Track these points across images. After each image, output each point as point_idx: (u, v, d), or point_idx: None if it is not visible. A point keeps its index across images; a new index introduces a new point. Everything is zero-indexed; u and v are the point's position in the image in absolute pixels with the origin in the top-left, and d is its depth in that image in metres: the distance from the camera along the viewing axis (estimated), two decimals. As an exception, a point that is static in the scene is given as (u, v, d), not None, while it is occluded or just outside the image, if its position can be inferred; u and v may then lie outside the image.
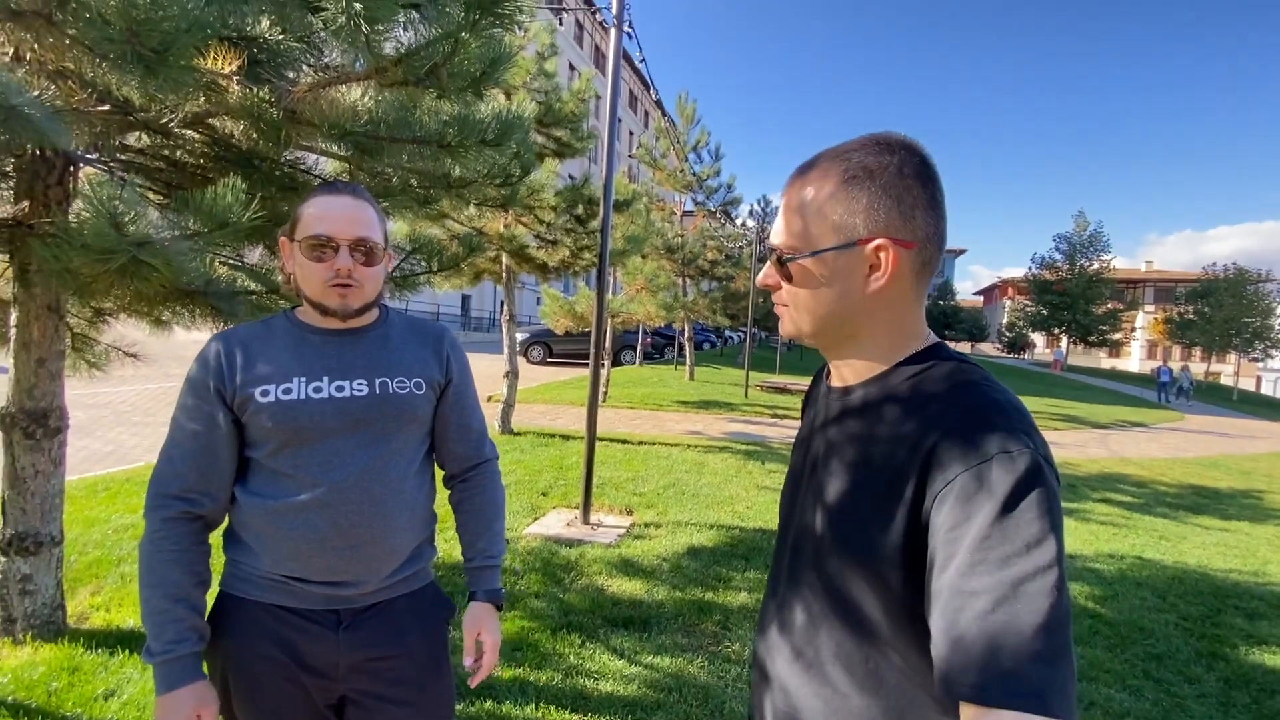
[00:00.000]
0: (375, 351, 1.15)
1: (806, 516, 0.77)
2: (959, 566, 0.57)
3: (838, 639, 0.70)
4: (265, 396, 1.06)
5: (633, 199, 7.56)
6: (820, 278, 0.71)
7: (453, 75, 2.00)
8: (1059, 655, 0.54)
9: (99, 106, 1.95)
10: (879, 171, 0.69)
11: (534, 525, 4.40)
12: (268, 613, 1.08)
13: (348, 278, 1.08)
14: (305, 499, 1.05)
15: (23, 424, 2.46)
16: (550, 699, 2.41)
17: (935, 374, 0.70)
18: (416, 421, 1.17)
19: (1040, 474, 0.59)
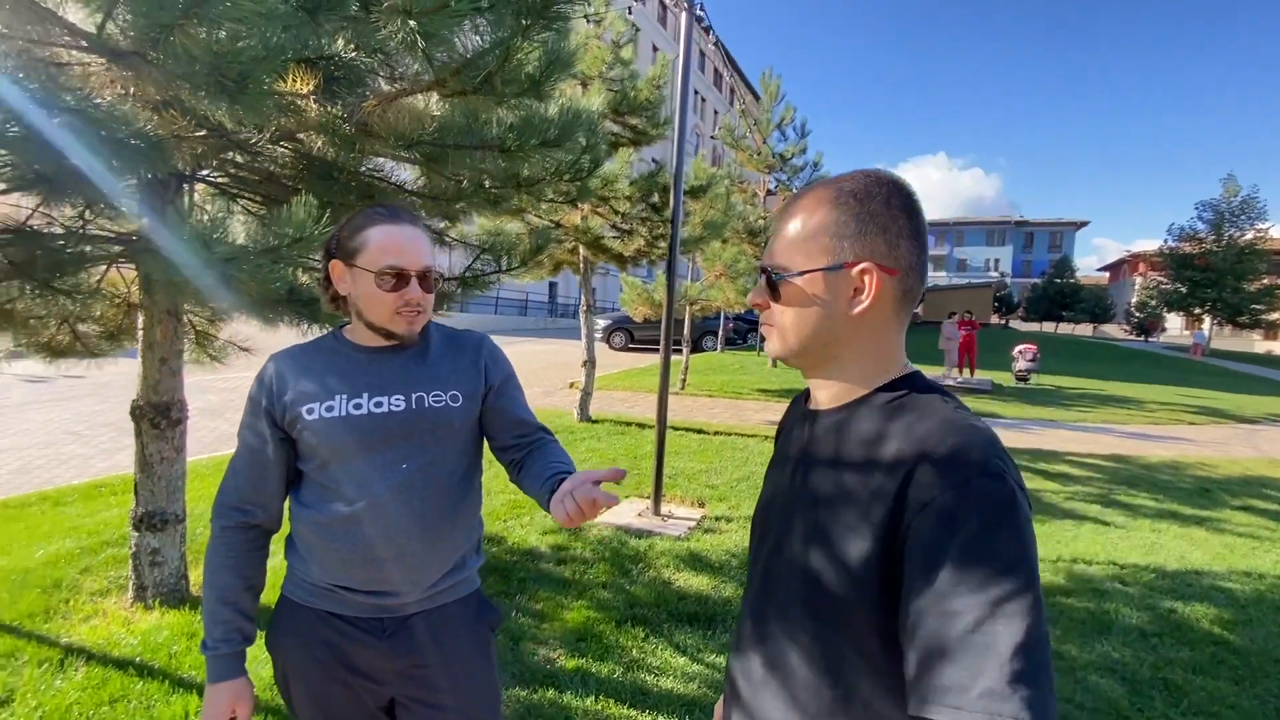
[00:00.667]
0: (412, 367, 1.19)
1: (782, 538, 0.78)
2: (937, 588, 0.59)
3: (809, 661, 0.71)
4: (311, 414, 1.12)
5: (710, 183, 7.43)
6: (806, 297, 0.75)
7: (507, 82, 2.03)
8: (1039, 674, 0.55)
9: (197, 132, 2.13)
10: (867, 200, 0.73)
11: (605, 514, 4.47)
12: (319, 618, 1.15)
13: (418, 305, 1.14)
14: (347, 512, 1.12)
15: (150, 416, 2.77)
16: (610, 692, 2.45)
17: (912, 401, 0.72)
18: (454, 433, 1.20)
19: (1015, 499, 0.61)
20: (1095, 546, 4.45)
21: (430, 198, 2.90)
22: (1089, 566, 4.07)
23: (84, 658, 2.43)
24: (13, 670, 2.32)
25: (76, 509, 4.02)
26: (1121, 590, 3.74)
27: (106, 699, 2.20)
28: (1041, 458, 7.28)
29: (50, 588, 2.94)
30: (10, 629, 2.59)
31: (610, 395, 9.72)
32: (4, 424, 6.20)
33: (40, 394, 7.56)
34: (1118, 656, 3.00)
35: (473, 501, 1.25)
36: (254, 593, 1.17)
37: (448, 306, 3.37)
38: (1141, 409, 12.30)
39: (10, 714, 2.09)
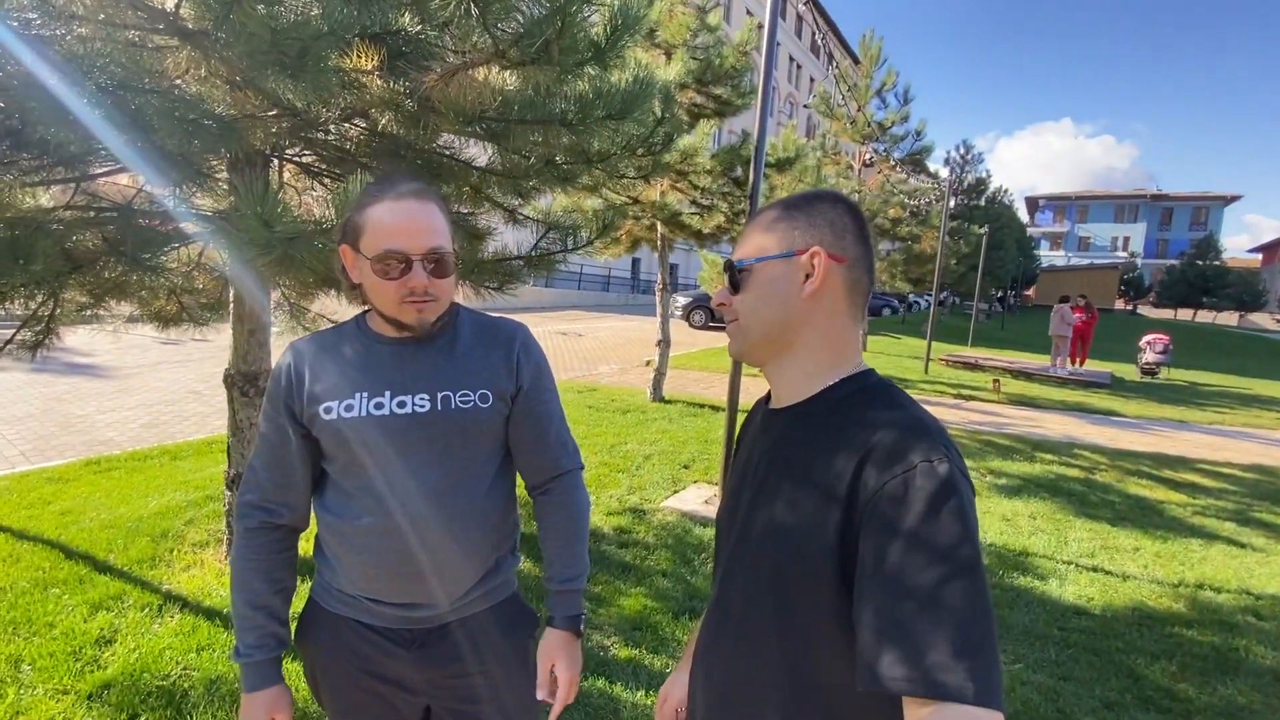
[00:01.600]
0: (439, 362, 1.09)
1: (744, 534, 0.81)
2: (888, 567, 0.63)
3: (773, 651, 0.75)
4: (329, 414, 1.05)
5: (798, 155, 7.03)
6: (763, 284, 0.82)
7: (565, 50, 1.91)
8: (983, 647, 0.59)
9: (271, 111, 2.18)
10: (817, 202, 0.83)
11: (672, 498, 4.40)
12: (347, 626, 1.10)
13: (424, 294, 1.02)
14: (369, 523, 1.05)
15: (239, 384, 2.95)
16: (661, 687, 2.39)
17: (864, 395, 0.78)
18: (484, 436, 1.11)
19: (957, 482, 0.65)
20: (1226, 571, 3.90)
21: (500, 175, 2.86)
22: (1217, 595, 3.57)
23: (179, 605, 2.65)
24: (119, 613, 2.56)
25: (190, 464, 4.42)
26: (1255, 625, 3.26)
27: (195, 646, 2.38)
28: (1166, 464, 6.50)
29: (159, 537, 3.24)
30: (121, 573, 2.87)
31: (686, 375, 9.60)
32: (141, 381, 6.93)
33: (172, 355, 8.40)
34: (1244, 702, 2.60)
35: (506, 504, 1.17)
36: (285, 596, 1.11)
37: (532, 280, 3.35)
38: (1296, 413, 10.74)
39: (111, 654, 2.30)
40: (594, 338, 13.90)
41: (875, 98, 13.06)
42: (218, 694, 2.14)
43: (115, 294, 2.88)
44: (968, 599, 0.60)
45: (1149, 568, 3.88)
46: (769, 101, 4.06)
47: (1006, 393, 10.09)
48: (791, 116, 37.40)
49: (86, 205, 2.40)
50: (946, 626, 0.59)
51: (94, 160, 2.26)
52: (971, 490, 0.68)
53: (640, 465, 5.07)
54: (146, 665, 2.23)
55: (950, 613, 0.59)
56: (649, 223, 6.52)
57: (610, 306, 24.48)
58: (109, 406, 5.88)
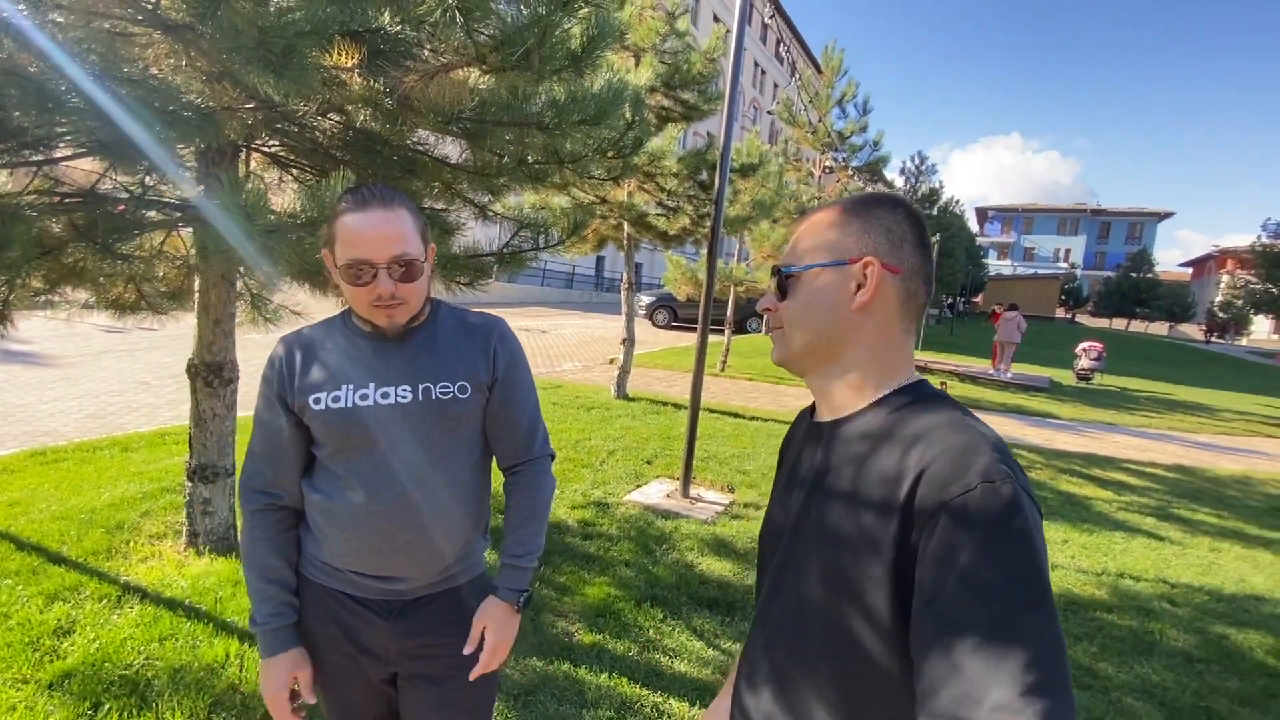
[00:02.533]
0: (420, 356, 1.17)
1: (792, 553, 0.78)
2: (948, 597, 0.58)
3: (823, 679, 0.71)
4: (318, 404, 1.12)
5: (761, 161, 7.23)
6: (812, 292, 0.78)
7: (546, 59, 1.99)
8: (1053, 686, 0.53)
9: (247, 104, 2.19)
10: (875, 207, 0.78)
11: (635, 493, 4.51)
12: (330, 595, 1.18)
13: (390, 299, 1.08)
14: (356, 503, 1.12)
15: (203, 374, 2.92)
16: (625, 670, 2.49)
17: (919, 408, 0.72)
18: (463, 425, 1.19)
19: (1023, 504, 0.61)
20: (1145, 562, 4.24)
21: (472, 172, 2.91)
22: (1136, 583, 3.88)
23: (139, 596, 2.62)
24: (75, 604, 2.52)
25: (142, 455, 4.30)
26: (1169, 610, 3.56)
27: (157, 636, 2.36)
28: (1096, 463, 6.94)
29: (113, 528, 3.17)
30: (76, 564, 2.81)
31: (649, 374, 9.73)
32: (83, 371, 6.66)
33: (116, 344, 8.07)
34: (1158, 680, 2.86)
35: (482, 490, 1.26)
36: (293, 569, 1.20)
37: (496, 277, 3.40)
38: (1214, 417, 11.55)
39: (71, 644, 2.27)
40: (558, 335, 13.90)
41: (836, 107, 13.45)
42: (182, 683, 2.14)
43: (72, 280, 2.82)
44: (1036, 633, 0.55)
45: (1075, 558, 4.18)
46: (736, 107, 4.21)
47: (953, 395, 10.53)
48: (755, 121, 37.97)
49: (49, 190, 2.35)
50: (1013, 663, 0.53)
51: (58, 145, 2.23)
52: (1039, 512, 0.63)
53: (604, 460, 5.17)
54: (107, 655, 2.21)
55: (1017, 648, 0.54)
56: (616, 222, 6.61)
57: (574, 304, 24.45)
58: (51, 396, 5.64)
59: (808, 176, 14.24)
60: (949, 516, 0.60)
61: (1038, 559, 0.59)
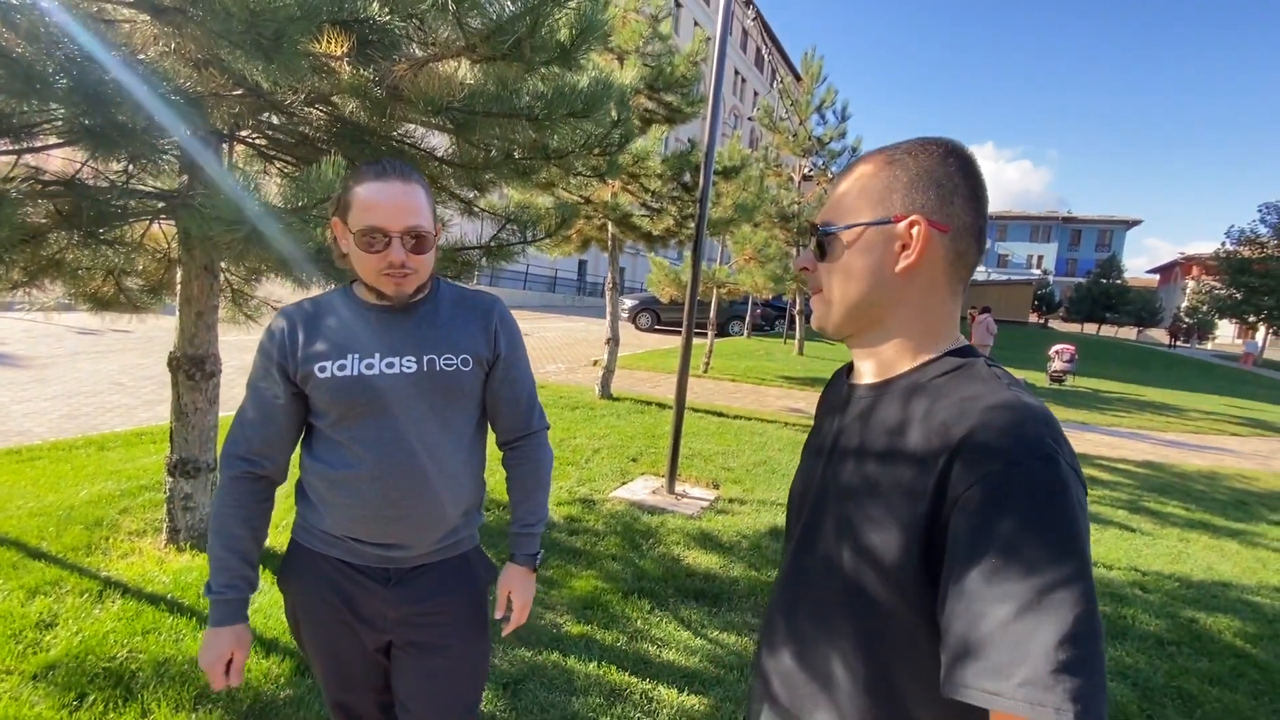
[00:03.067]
0: (423, 329, 1.20)
1: (815, 527, 0.75)
2: (982, 569, 0.56)
3: (851, 660, 0.68)
4: (323, 373, 1.13)
5: (743, 165, 7.33)
6: (853, 252, 0.72)
7: (537, 49, 2.02)
8: (1085, 666, 0.52)
9: (235, 91, 2.19)
10: (923, 156, 0.71)
11: (620, 489, 4.53)
12: (329, 563, 1.19)
13: (401, 268, 1.11)
14: (359, 471, 1.14)
15: (185, 367, 2.89)
16: (613, 659, 2.51)
17: (965, 374, 0.68)
18: (464, 396, 1.22)
19: (1068, 481, 0.58)
20: (1117, 552, 4.36)
21: (459, 166, 2.92)
22: (1108, 571, 3.99)
23: (120, 591, 2.58)
24: (57, 598, 2.47)
25: (119, 454, 4.22)
26: (1141, 597, 3.67)
27: (139, 630, 2.33)
28: (1070, 460, 7.10)
29: (92, 525, 3.11)
30: (56, 560, 2.76)
31: (633, 375, 9.76)
32: (57, 372, 6.51)
33: (90, 345, 7.90)
34: (1131, 662, 2.95)
35: (478, 462, 1.29)
36: (259, 542, 1.20)
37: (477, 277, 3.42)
38: (1182, 417, 11.88)
39: (54, 636, 2.23)
40: (540, 337, 13.88)
41: (815, 113, 13.65)
42: (167, 674, 2.12)
43: (51, 272, 2.78)
44: (1072, 610, 0.53)
45: (1052, 548, 4.28)
46: (719, 110, 4.28)
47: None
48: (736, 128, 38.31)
49: (30, 176, 2.32)
50: (1047, 639, 0.52)
51: (39, 132, 2.20)
52: (1084, 488, 0.61)
53: (589, 458, 5.18)
54: (90, 648, 2.18)
55: (1052, 623, 0.52)
56: (600, 222, 6.65)
57: (556, 307, 24.41)
58: (24, 396, 5.51)
59: (788, 182, 14.41)
60: (991, 487, 0.58)
61: (1079, 536, 0.56)
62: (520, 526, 1.34)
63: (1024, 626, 0.53)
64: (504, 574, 1.32)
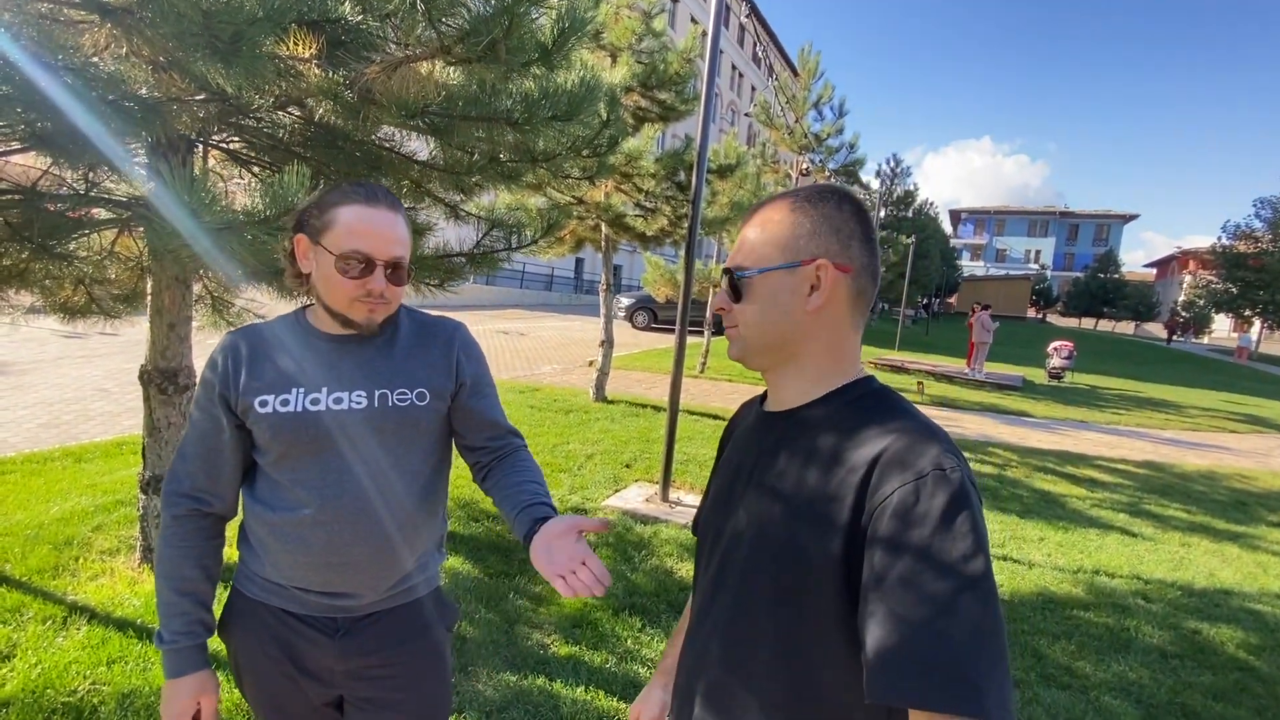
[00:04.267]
0: (377, 361, 1.11)
1: (736, 540, 0.78)
2: (897, 575, 0.61)
3: (773, 664, 0.72)
4: (264, 407, 1.05)
5: (739, 162, 7.22)
6: (766, 294, 0.78)
7: (513, 50, 1.92)
8: (996, 661, 0.58)
9: (197, 95, 2.08)
10: (821, 205, 0.77)
11: (613, 497, 4.44)
12: (270, 613, 1.10)
13: (379, 297, 1.04)
14: (303, 515, 1.05)
15: (157, 381, 2.78)
16: (602, 683, 2.42)
17: (869, 402, 0.76)
18: (420, 433, 1.13)
19: (969, 492, 0.65)
20: (1119, 558, 4.28)
21: (441, 170, 2.82)
22: (1111, 580, 3.92)
23: (87, 616, 2.47)
24: (16, 626, 2.37)
25: (97, 466, 4.12)
26: (1144, 607, 3.59)
27: (104, 659, 2.23)
28: (1069, 461, 7.04)
29: (62, 544, 3.01)
30: (19, 584, 2.65)
31: (628, 376, 9.66)
32: (38, 378, 6.39)
33: (74, 349, 7.77)
34: (1134, 678, 2.87)
35: (437, 501, 1.19)
36: (213, 583, 1.11)
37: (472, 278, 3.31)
38: (1180, 414, 11.84)
39: (10, 670, 2.13)
40: (536, 337, 13.77)
41: (812, 110, 13.53)
42: (131, 708, 2.02)
43: (15, 282, 2.66)
44: (981, 611, 0.58)
45: (1052, 556, 4.21)
46: (712, 108, 4.17)
47: (930, 394, 10.66)
48: (733, 124, 38.16)
49: (-16, 186, 2.21)
50: (959, 639, 0.57)
51: (-5, 138, 2.09)
52: (980, 500, 0.67)
53: (582, 465, 5.09)
54: (50, 681, 2.08)
55: (962, 625, 0.58)
56: (593, 223, 6.54)
57: (553, 306, 24.28)
58: (1, 405, 5.39)
59: (785, 178, 14.30)
60: (900, 503, 0.63)
61: (982, 543, 0.62)
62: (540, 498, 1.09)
63: (939, 628, 0.58)
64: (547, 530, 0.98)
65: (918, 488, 0.63)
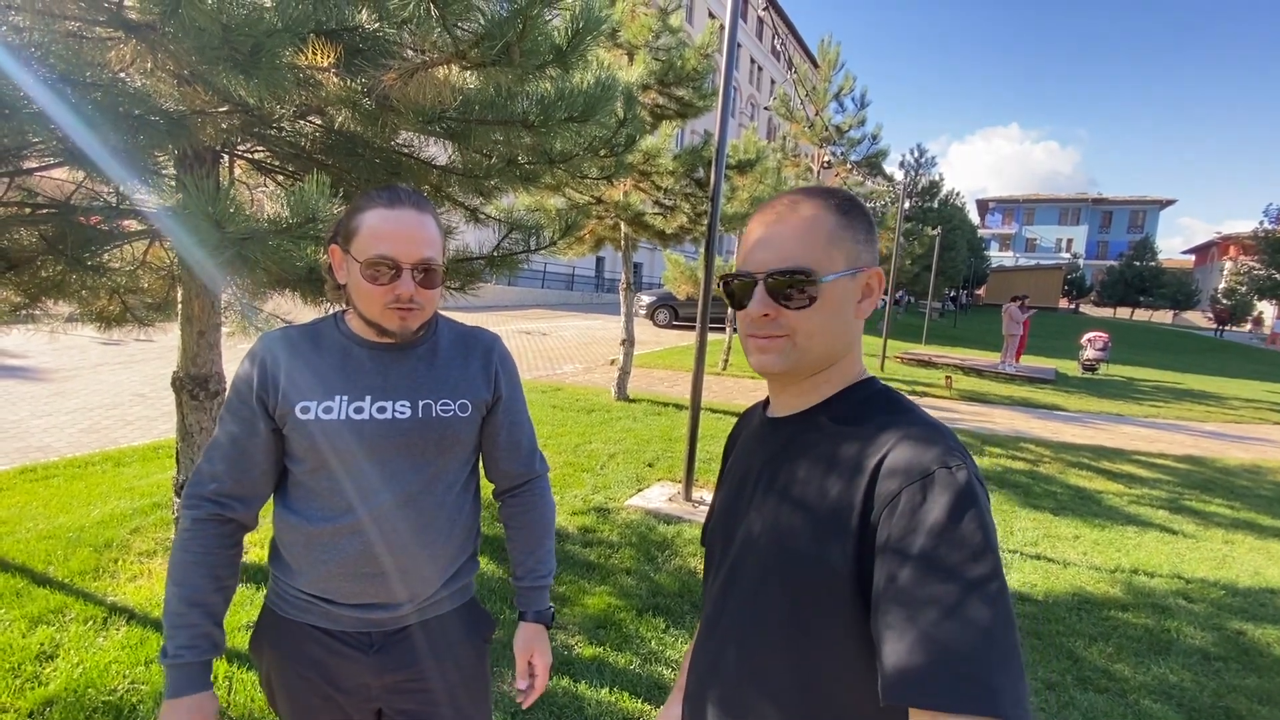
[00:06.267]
0: (420, 370, 1.10)
1: (746, 547, 0.78)
2: (907, 577, 0.61)
3: (787, 672, 0.71)
4: (306, 414, 1.03)
5: (759, 157, 7.15)
6: (835, 302, 0.75)
7: (527, 52, 1.92)
8: (1008, 658, 0.57)
9: (221, 107, 2.12)
10: (858, 210, 0.77)
11: (636, 497, 4.43)
12: (302, 632, 1.08)
13: (409, 302, 1.02)
14: (340, 525, 1.04)
15: (189, 387, 2.85)
16: (626, 684, 2.41)
17: (872, 402, 0.76)
18: (459, 444, 1.12)
19: (975, 489, 0.64)
20: (1159, 557, 4.15)
21: (460, 174, 2.83)
22: (1150, 579, 3.79)
23: (126, 617, 2.55)
24: (59, 626, 2.45)
25: (134, 470, 4.24)
26: (1185, 607, 3.47)
27: (143, 659, 2.29)
28: (1105, 456, 6.84)
29: (102, 547, 3.10)
30: (61, 585, 2.74)
31: (650, 374, 9.65)
32: (79, 385, 6.61)
33: (113, 356, 8.02)
34: (1176, 680, 2.78)
35: (472, 511, 1.19)
36: (225, 595, 1.06)
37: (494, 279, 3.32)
38: (1223, 406, 11.43)
39: (54, 669, 2.20)
40: (558, 337, 13.83)
41: (833, 101, 13.35)
42: (168, 707, 2.07)
43: (53, 293, 2.75)
44: (992, 610, 0.58)
45: (1088, 554, 4.09)
46: (729, 103, 4.13)
47: (958, 389, 10.45)
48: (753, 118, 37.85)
49: (22, 201, 2.28)
50: (972, 638, 0.57)
51: (29, 155, 2.16)
52: (988, 497, 0.66)
53: (605, 464, 5.09)
54: (91, 680, 2.14)
55: (975, 624, 0.57)
56: (612, 222, 6.53)
57: (574, 305, 24.37)
58: (44, 411, 5.59)
59: (806, 172, 14.14)
60: (908, 503, 0.63)
61: (991, 541, 0.61)
62: (531, 580, 1.23)
63: (951, 628, 0.57)
64: (520, 637, 1.21)
65: (924, 487, 0.63)
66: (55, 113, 1.62)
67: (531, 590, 1.23)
